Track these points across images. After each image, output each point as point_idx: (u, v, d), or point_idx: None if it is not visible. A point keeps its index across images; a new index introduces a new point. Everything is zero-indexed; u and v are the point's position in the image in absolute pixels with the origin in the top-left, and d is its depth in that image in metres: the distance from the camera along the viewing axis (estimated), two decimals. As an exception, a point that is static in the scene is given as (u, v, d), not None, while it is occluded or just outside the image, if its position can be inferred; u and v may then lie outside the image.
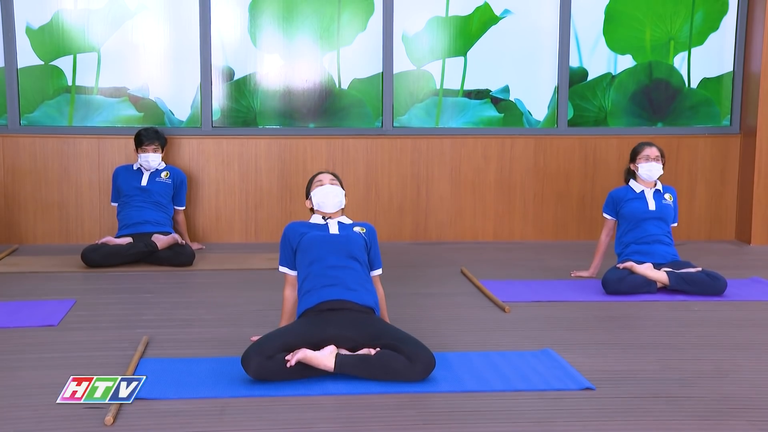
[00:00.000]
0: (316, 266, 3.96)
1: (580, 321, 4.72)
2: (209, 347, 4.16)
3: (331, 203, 4.17)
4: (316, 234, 4.05)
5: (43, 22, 6.80)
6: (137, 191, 6.29)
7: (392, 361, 3.59)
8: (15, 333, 4.39)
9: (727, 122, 7.33)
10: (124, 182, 6.35)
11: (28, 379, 3.68)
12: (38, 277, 5.68)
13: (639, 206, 5.51)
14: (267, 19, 6.97)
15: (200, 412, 3.32)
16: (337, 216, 4.19)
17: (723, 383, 3.71)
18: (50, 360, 3.96)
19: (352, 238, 4.06)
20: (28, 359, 3.97)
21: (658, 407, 3.42)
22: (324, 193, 4.19)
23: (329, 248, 4.00)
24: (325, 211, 4.18)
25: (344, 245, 4.02)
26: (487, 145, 7.11)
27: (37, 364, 3.90)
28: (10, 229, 6.82)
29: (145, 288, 5.41)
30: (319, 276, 3.93)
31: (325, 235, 4.06)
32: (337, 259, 3.97)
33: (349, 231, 4.10)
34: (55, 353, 4.07)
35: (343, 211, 4.25)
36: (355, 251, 4.02)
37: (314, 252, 3.99)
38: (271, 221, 6.98)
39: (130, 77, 6.95)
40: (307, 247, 4.01)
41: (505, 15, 7.10)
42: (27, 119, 6.85)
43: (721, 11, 7.24)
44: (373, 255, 4.16)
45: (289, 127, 7.06)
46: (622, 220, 5.56)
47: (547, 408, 3.40)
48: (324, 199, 4.18)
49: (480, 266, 6.07)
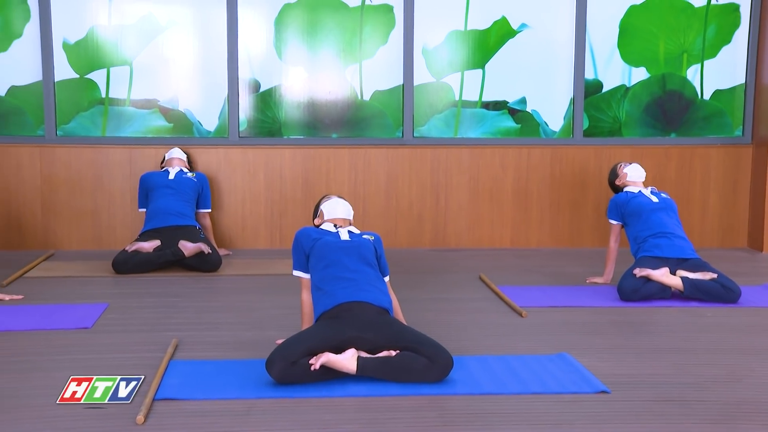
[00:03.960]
0: (330, 270, 3.96)
1: (595, 326, 4.70)
2: (235, 350, 4.17)
3: (341, 210, 4.23)
4: (328, 240, 4.07)
5: (78, 37, 6.85)
6: (164, 186, 6.34)
7: (412, 363, 3.59)
8: (51, 335, 4.42)
9: (740, 132, 7.28)
10: (152, 181, 6.39)
11: (62, 380, 3.69)
12: (73, 282, 5.71)
13: (643, 201, 5.51)
14: (291, 33, 6.99)
15: (227, 413, 3.33)
16: (347, 225, 4.21)
17: (736, 388, 3.69)
18: (84, 361, 3.98)
19: (363, 244, 4.07)
20: (63, 360, 3.99)
21: (672, 411, 3.40)
22: (335, 203, 4.26)
23: (342, 253, 4.00)
24: (336, 217, 4.21)
25: (356, 250, 4.03)
26: (504, 155, 7.09)
27: (72, 365, 3.92)
28: (46, 235, 6.86)
29: (173, 292, 5.43)
30: (334, 279, 3.93)
31: (337, 240, 4.07)
32: (351, 262, 3.97)
33: (359, 238, 4.11)
34: (89, 354, 4.09)
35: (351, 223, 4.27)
36: (367, 256, 4.04)
37: (328, 256, 4.00)
38: (295, 228, 6.86)
39: (160, 89, 6.98)
40: (321, 251, 4.02)
41: (522, 29, 7.09)
42: (63, 130, 6.90)
43: (734, 25, 7.19)
44: (382, 262, 4.17)
45: (312, 138, 7.07)
46: (630, 220, 5.53)
47: (563, 411, 3.38)
48: (335, 206, 4.24)
49: (498, 272, 6.05)
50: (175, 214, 6.20)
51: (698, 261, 5.37)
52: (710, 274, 5.23)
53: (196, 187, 6.46)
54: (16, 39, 6.80)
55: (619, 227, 5.65)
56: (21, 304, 5.07)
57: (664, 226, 5.42)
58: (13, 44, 6.81)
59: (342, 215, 4.23)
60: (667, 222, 5.44)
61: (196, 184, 6.46)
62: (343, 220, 4.23)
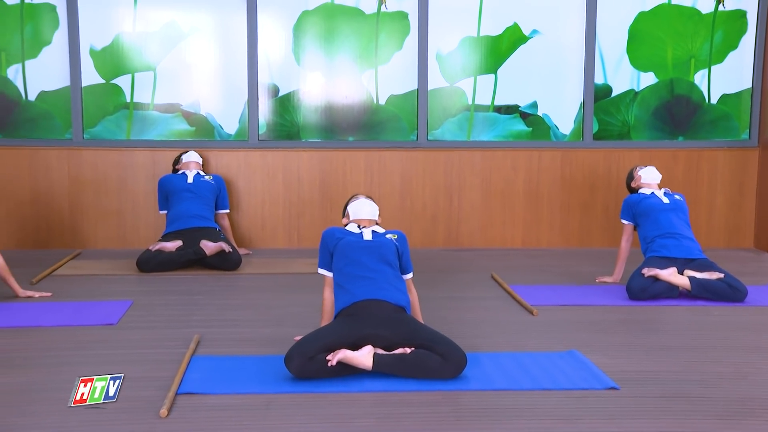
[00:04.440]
0: (350, 268, 3.97)
1: (604, 324, 4.69)
2: (255, 346, 4.18)
3: (365, 211, 4.21)
4: (351, 239, 4.07)
5: (105, 44, 6.88)
6: (184, 190, 6.35)
7: (427, 360, 3.60)
8: (77, 331, 4.44)
9: (746, 136, 7.24)
10: (171, 185, 6.41)
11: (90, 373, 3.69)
12: (98, 280, 5.74)
13: (653, 201, 5.50)
14: (309, 40, 7.00)
15: (247, 407, 3.34)
16: (371, 225, 4.21)
17: (742, 384, 3.67)
18: (109, 356, 4.01)
19: (385, 244, 4.07)
20: (90, 355, 4.02)
21: (679, 407, 3.39)
22: (360, 204, 4.25)
23: (363, 252, 4.01)
24: (360, 218, 4.20)
25: (377, 250, 4.02)
26: (516, 158, 7.08)
27: (98, 360, 3.95)
28: (73, 234, 6.90)
29: (195, 290, 5.45)
30: (353, 278, 3.94)
31: (360, 240, 4.07)
32: (371, 262, 3.98)
33: (381, 238, 4.11)
34: (114, 350, 4.12)
35: (378, 223, 4.27)
36: (387, 255, 4.03)
37: (349, 255, 4.01)
38: (312, 228, 7.00)
39: (182, 94, 7.01)
40: (343, 251, 4.03)
41: (533, 35, 7.08)
42: (89, 133, 6.93)
43: (741, 31, 7.16)
44: (405, 260, 4.16)
45: (329, 141, 7.08)
46: (641, 220, 5.51)
47: (573, 406, 3.38)
48: (360, 207, 4.23)
49: (509, 272, 6.04)
50: (195, 217, 6.22)
51: (705, 261, 5.34)
52: (717, 274, 5.21)
53: (214, 190, 6.47)
54: (46, 46, 6.84)
55: (631, 227, 5.63)
56: (49, 301, 5.10)
57: (673, 227, 5.40)
58: (43, 51, 6.84)
59: (366, 216, 4.21)
60: (675, 222, 5.42)
61: (214, 187, 6.48)
62: (368, 220, 4.21)
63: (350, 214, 4.26)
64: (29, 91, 6.87)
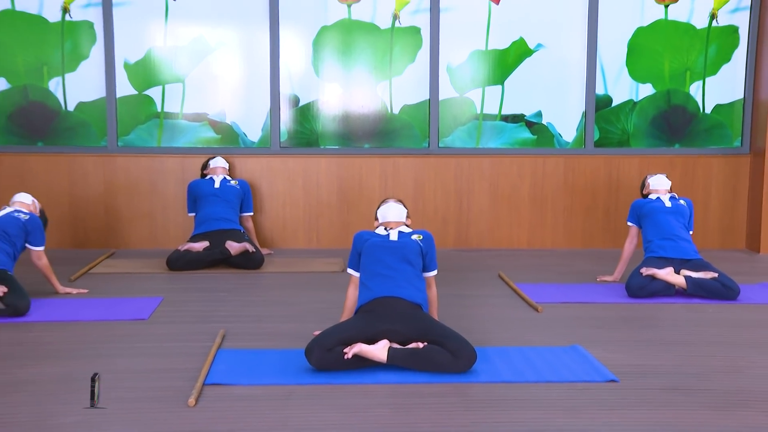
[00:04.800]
0: (373, 267, 3.98)
1: (605, 320, 4.67)
2: (277, 340, 4.19)
3: (392, 213, 4.21)
4: (377, 240, 4.07)
5: (138, 57, 6.91)
6: (211, 194, 6.36)
7: (438, 356, 3.59)
8: (111, 325, 4.47)
9: (738, 144, 7.20)
10: (200, 189, 6.42)
11: (123, 365, 3.74)
12: (131, 277, 5.76)
13: (656, 204, 5.48)
14: (328, 53, 7.01)
15: (269, 397, 3.35)
16: (398, 226, 4.19)
17: (736, 377, 3.65)
18: (141, 349, 4.02)
19: (408, 245, 4.05)
20: (123, 348, 4.04)
21: (676, 398, 3.38)
22: (388, 207, 4.25)
23: (386, 252, 4.01)
24: (388, 220, 4.20)
25: (400, 250, 4.02)
26: (522, 164, 7.07)
27: (131, 352, 3.96)
28: (108, 235, 6.93)
29: (221, 288, 5.45)
30: (375, 275, 3.94)
31: (385, 241, 4.06)
32: (392, 261, 3.97)
33: (406, 239, 4.09)
34: (146, 343, 4.13)
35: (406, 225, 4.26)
36: (409, 255, 4.02)
37: (373, 255, 4.01)
38: (331, 230, 7.01)
39: (209, 104, 7.03)
40: (369, 251, 4.04)
41: (538, 48, 7.07)
42: (123, 141, 6.96)
43: (733, 45, 7.12)
44: (429, 259, 4.13)
45: (346, 148, 7.08)
46: (643, 222, 5.48)
47: (575, 398, 3.37)
48: (387, 210, 4.23)
49: (515, 271, 6.03)
50: (221, 219, 6.24)
51: (700, 261, 5.32)
52: (711, 274, 5.18)
53: (239, 194, 6.48)
54: (84, 60, 6.88)
55: (636, 230, 5.60)
56: (86, 297, 5.12)
57: (671, 229, 5.37)
58: (81, 65, 6.88)
59: (393, 218, 4.21)
60: (674, 225, 5.39)
61: (239, 191, 6.49)
62: (395, 222, 4.21)
63: (379, 217, 4.26)
64: (68, 102, 6.91)
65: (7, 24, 6.80)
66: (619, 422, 3.12)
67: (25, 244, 4.99)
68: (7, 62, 6.84)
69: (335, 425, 3.08)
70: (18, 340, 4.17)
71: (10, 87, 6.86)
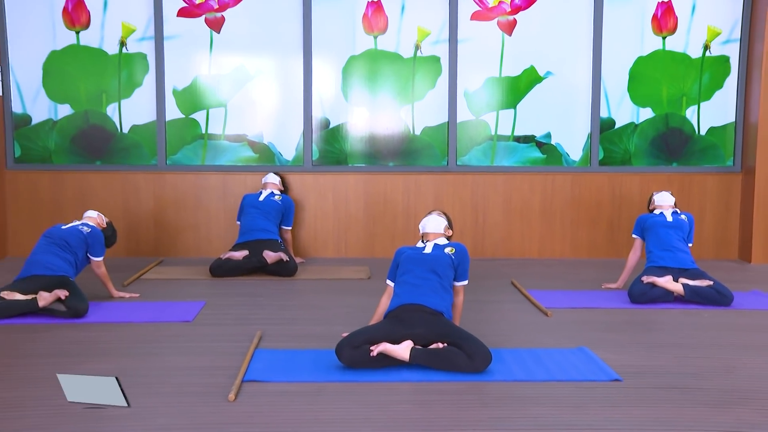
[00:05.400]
0: (404, 277, 3.97)
1: (609, 324, 4.62)
2: (309, 341, 4.18)
3: (430, 225, 4.19)
4: (411, 253, 4.06)
5: (185, 85, 6.97)
6: (254, 207, 6.39)
7: (456, 357, 3.57)
8: (160, 326, 4.49)
9: (731, 163, 7.13)
10: (247, 201, 6.47)
11: (170, 362, 3.76)
12: (177, 283, 5.79)
13: (659, 218, 5.43)
14: (356, 80, 7.03)
15: (302, 393, 3.34)
16: (436, 238, 4.16)
17: (730, 377, 3.60)
18: (187, 348, 4.03)
19: (439, 257, 4.01)
20: (170, 347, 4.05)
21: (675, 396, 3.33)
22: (427, 219, 4.24)
23: (417, 263, 3.98)
24: (426, 231, 4.18)
25: (430, 262, 3.98)
26: (532, 181, 7.03)
27: (177, 351, 3.98)
28: (157, 245, 6.97)
29: (258, 293, 5.46)
30: (404, 284, 3.93)
31: (419, 253, 4.04)
32: (421, 272, 3.95)
33: (440, 251, 4.05)
34: (190, 343, 4.14)
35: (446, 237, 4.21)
36: (438, 267, 3.97)
37: (405, 266, 4.00)
38: (358, 240, 7.01)
39: (248, 126, 7.06)
40: (403, 262, 4.03)
41: (547, 75, 7.04)
42: (171, 160, 7.01)
43: (725, 73, 7.06)
44: (461, 270, 4.08)
45: (372, 166, 7.09)
46: (646, 234, 5.44)
47: (582, 395, 3.34)
48: (427, 222, 4.22)
49: (527, 278, 5.99)
50: (260, 230, 6.25)
51: (697, 270, 5.26)
52: (707, 282, 5.12)
53: (280, 209, 6.49)
54: (137, 87, 6.94)
55: (640, 242, 5.55)
56: (137, 301, 5.16)
57: (670, 241, 5.33)
58: (135, 91, 6.95)
59: (431, 230, 4.18)
60: (673, 237, 5.35)
61: (280, 206, 6.49)
62: (433, 234, 4.18)
63: (420, 228, 4.25)
64: (123, 125, 6.97)
65: (72, 57, 6.89)
66: (622, 418, 3.08)
67: (87, 255, 5.04)
68: (72, 90, 6.92)
69: (362, 419, 3.07)
70: (77, 339, 4.20)
71: (73, 112, 6.94)
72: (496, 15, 7.00)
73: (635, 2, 7.02)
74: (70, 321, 4.55)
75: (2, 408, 3.15)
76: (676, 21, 7.04)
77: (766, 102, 6.79)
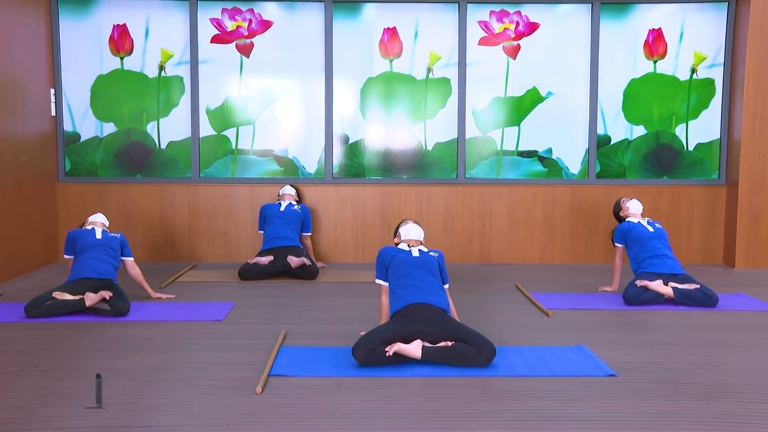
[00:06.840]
0: (403, 279, 3.95)
1: (606, 324, 4.61)
2: (330, 339, 4.19)
3: (414, 233, 4.19)
4: (403, 256, 4.05)
5: (217, 104, 7.03)
6: (276, 216, 6.39)
7: (464, 351, 3.57)
8: (193, 325, 4.51)
9: (716, 176, 7.09)
10: (269, 211, 6.46)
11: (203, 359, 3.77)
12: (209, 286, 5.81)
13: (642, 231, 5.40)
14: (373, 100, 7.06)
15: (323, 386, 3.35)
16: (417, 245, 4.19)
17: (715, 373, 3.58)
18: (218, 345, 4.05)
19: (429, 260, 4.04)
20: (203, 344, 4.07)
21: (666, 390, 3.32)
22: (409, 227, 4.22)
23: (413, 266, 3.98)
24: (410, 238, 4.18)
25: (424, 264, 4.01)
26: (535, 192, 7.03)
27: (209, 348, 3.99)
28: (191, 251, 7.02)
29: (283, 295, 5.47)
30: (405, 286, 3.92)
31: (409, 257, 4.05)
32: (419, 274, 3.96)
33: (426, 255, 4.08)
34: (221, 340, 4.16)
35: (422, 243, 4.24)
36: (432, 269, 4.01)
37: (402, 269, 3.99)
38: (375, 247, 7.01)
39: (275, 142, 7.10)
40: (397, 265, 4.01)
41: (548, 96, 7.04)
42: (204, 173, 7.06)
43: (710, 94, 7.04)
44: (444, 274, 4.11)
45: (388, 178, 7.10)
46: (632, 244, 5.42)
47: (580, 389, 3.33)
48: (410, 230, 4.20)
49: (529, 282, 5.98)
50: (283, 238, 6.27)
51: (685, 275, 5.24)
52: (694, 285, 5.10)
53: (300, 217, 6.51)
54: (174, 107, 7.01)
55: (622, 249, 5.55)
56: (173, 301, 5.18)
57: (659, 250, 5.32)
58: (172, 111, 7.01)
59: (414, 237, 4.18)
60: (660, 247, 5.34)
61: (300, 215, 6.51)
62: (415, 240, 4.20)
63: (402, 235, 4.23)
64: (161, 141, 7.03)
65: (117, 80, 6.96)
66: (617, 411, 3.08)
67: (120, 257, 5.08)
68: (116, 110, 7.00)
69: (378, 411, 3.08)
70: (119, 336, 4.23)
71: (117, 130, 7.02)
72: (502, 41, 7.01)
73: (628, 29, 7.02)
74: (113, 319, 4.59)
75: (56, 397, 3.18)
76: (666, 47, 7.03)
77: (747, 120, 6.77)
